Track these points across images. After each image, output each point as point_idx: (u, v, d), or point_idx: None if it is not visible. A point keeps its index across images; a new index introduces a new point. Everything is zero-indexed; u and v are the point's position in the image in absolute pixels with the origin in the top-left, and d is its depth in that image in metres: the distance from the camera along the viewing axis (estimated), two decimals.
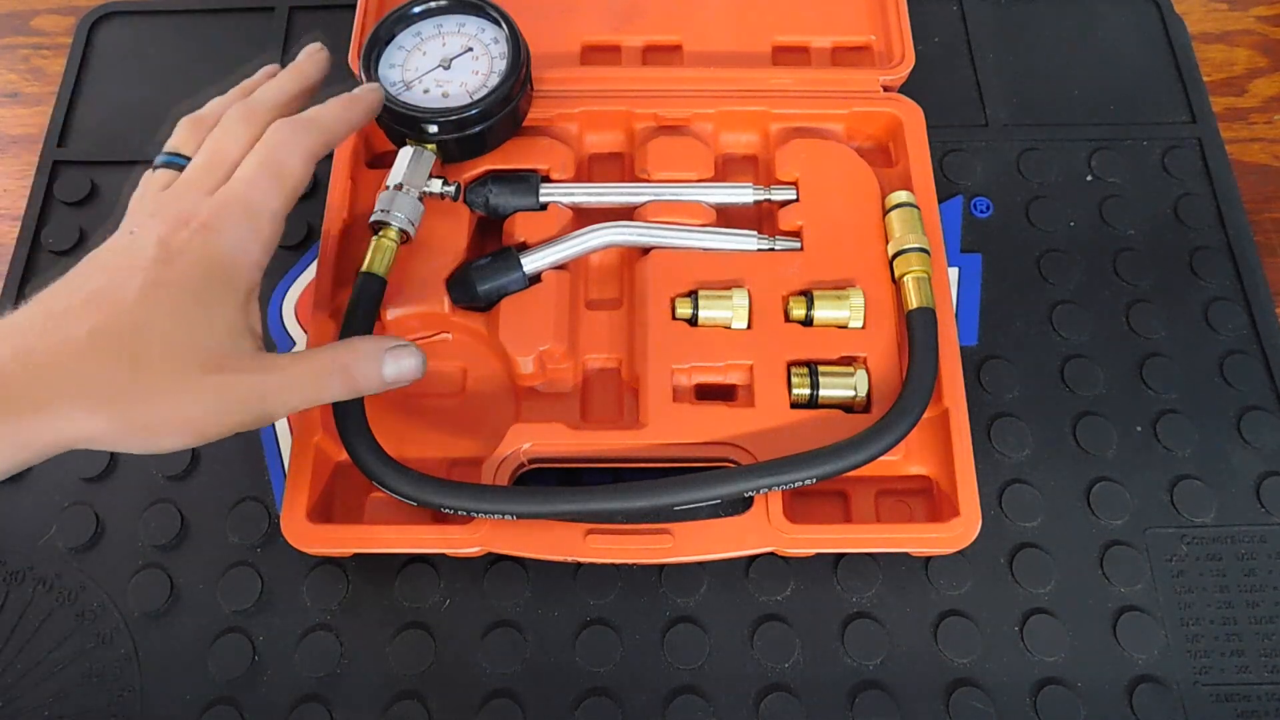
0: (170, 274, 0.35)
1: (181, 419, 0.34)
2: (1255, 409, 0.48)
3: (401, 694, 0.42)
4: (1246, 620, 0.43)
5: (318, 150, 0.40)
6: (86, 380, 0.33)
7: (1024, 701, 0.42)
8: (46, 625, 0.43)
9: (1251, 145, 0.58)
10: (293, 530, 0.42)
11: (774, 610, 0.43)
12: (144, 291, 0.34)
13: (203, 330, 0.35)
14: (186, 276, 0.35)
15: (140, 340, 0.34)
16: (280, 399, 0.36)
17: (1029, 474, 0.46)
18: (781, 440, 0.43)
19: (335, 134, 0.41)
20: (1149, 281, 0.51)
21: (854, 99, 0.52)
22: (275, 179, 0.38)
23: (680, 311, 0.46)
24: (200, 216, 0.36)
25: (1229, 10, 0.62)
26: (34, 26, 0.62)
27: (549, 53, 0.52)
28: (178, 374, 0.34)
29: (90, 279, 0.35)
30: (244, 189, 0.37)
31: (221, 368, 0.35)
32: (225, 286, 0.36)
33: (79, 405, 0.33)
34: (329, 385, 0.38)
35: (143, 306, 0.34)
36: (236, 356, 0.36)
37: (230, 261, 0.36)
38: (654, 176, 0.50)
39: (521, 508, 0.40)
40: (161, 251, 0.35)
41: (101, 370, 0.33)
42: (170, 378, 0.34)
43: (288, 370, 0.37)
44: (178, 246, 0.36)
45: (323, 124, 0.40)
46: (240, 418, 0.35)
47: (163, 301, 0.35)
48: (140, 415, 0.34)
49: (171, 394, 0.34)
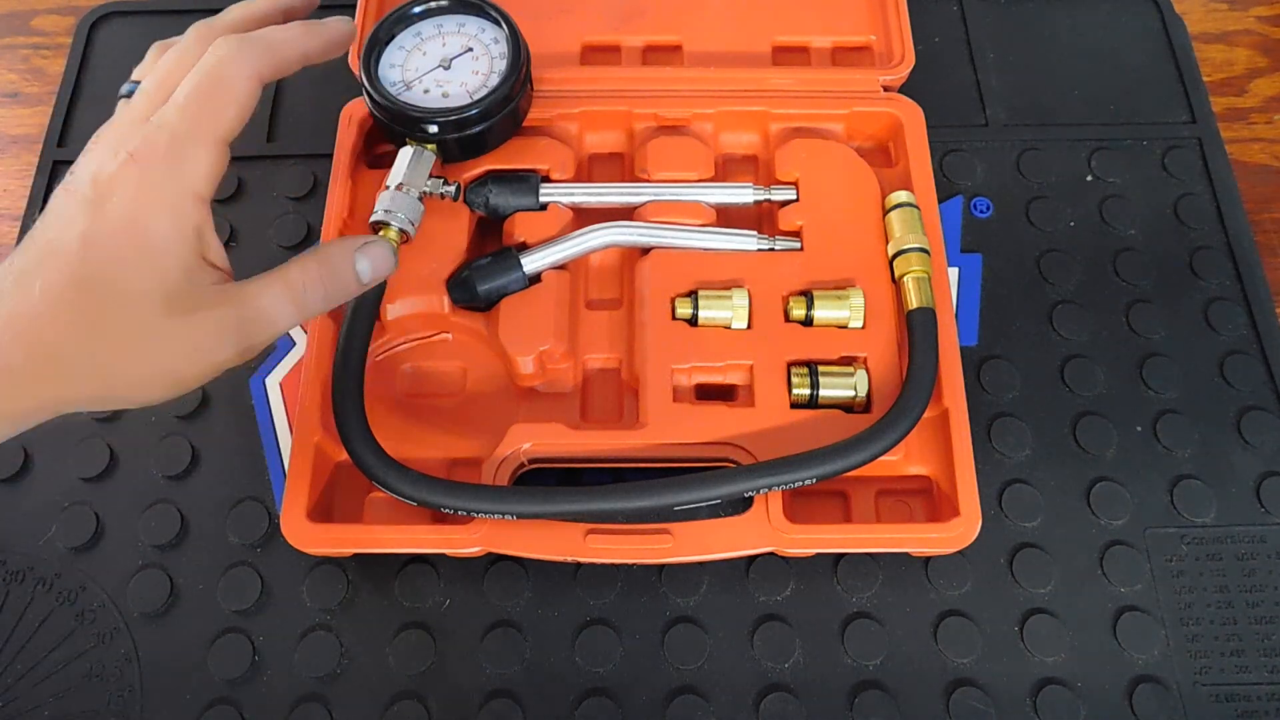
0: (104, 218, 0.33)
1: (158, 370, 0.33)
2: (1255, 409, 0.48)
3: (401, 694, 0.42)
4: (1246, 620, 0.43)
5: (264, 72, 0.36)
6: (50, 344, 0.32)
7: (1024, 701, 0.42)
8: (46, 625, 0.43)
9: (1251, 145, 0.58)
10: (293, 530, 0.42)
11: (774, 610, 0.43)
12: (82, 242, 0.32)
13: (152, 274, 0.33)
14: (122, 219, 0.33)
15: (89, 296, 0.32)
16: (261, 327, 0.35)
17: (1029, 474, 0.46)
18: (781, 440, 0.43)
19: (286, 59, 0.37)
20: (1149, 281, 0.51)
21: (854, 99, 0.52)
22: (209, 100, 0.35)
23: (680, 311, 0.46)
24: (129, 147, 0.34)
25: (1229, 10, 0.62)
26: (34, 26, 0.62)
27: (549, 53, 0.52)
28: (138, 324, 0.32)
29: (45, 228, 0.33)
30: (174, 115, 0.34)
31: (184, 309, 0.33)
32: (166, 224, 0.33)
33: (50, 370, 0.32)
34: (309, 299, 0.36)
35: (83, 260, 0.32)
36: (198, 295, 0.33)
37: (163, 197, 0.34)
38: (654, 176, 0.50)
39: (521, 508, 0.40)
40: (94, 191, 0.33)
41: (60, 332, 0.32)
42: (130, 330, 0.32)
43: (261, 296, 0.35)
44: (107, 184, 0.33)
45: (272, 43, 0.36)
46: (223, 355, 0.34)
47: (103, 250, 0.32)
48: (113, 373, 0.32)
49: (138, 346, 0.33)
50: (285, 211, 0.53)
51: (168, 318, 0.33)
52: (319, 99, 0.55)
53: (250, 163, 0.54)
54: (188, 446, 0.47)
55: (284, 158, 0.54)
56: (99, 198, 0.33)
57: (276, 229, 0.52)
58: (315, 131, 0.54)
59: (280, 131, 0.55)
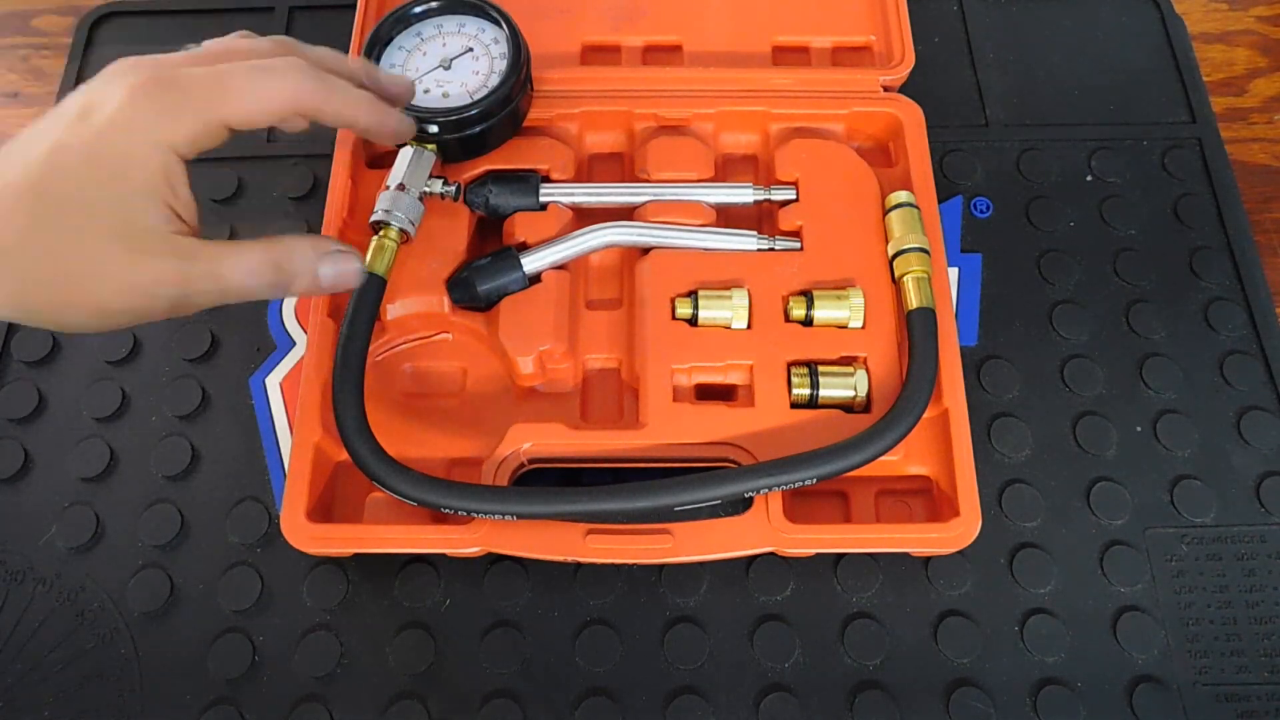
0: (79, 133, 0.32)
1: (88, 297, 0.33)
2: (1255, 409, 0.48)
3: (401, 694, 0.42)
4: (1246, 620, 0.43)
5: (309, 106, 0.36)
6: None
7: (1024, 701, 0.42)
8: (46, 625, 0.43)
9: (1251, 145, 0.58)
10: (293, 530, 0.42)
11: (774, 610, 0.43)
12: (51, 154, 0.32)
13: (109, 201, 0.32)
14: (95, 137, 0.32)
15: (44, 203, 0.32)
16: (202, 288, 0.34)
17: (1029, 474, 0.46)
18: (781, 440, 0.43)
19: (336, 112, 0.38)
20: (1149, 281, 0.51)
21: (854, 99, 0.52)
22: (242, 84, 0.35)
23: (680, 311, 0.46)
24: (132, 79, 0.33)
25: (1229, 10, 0.62)
26: (34, 26, 0.62)
27: (549, 53, 0.52)
28: (81, 245, 0.32)
29: (22, 138, 0.33)
30: (200, 76, 0.34)
31: (131, 245, 0.32)
32: (138, 157, 0.33)
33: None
34: (258, 282, 0.35)
35: (48, 172, 0.32)
36: (154, 237, 0.33)
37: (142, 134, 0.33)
38: (654, 176, 0.50)
39: (521, 508, 0.40)
40: (83, 108, 0.33)
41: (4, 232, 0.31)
42: (73, 248, 0.32)
43: (215, 260, 0.34)
44: (95, 103, 0.33)
45: (334, 92, 0.37)
46: (155, 303, 0.33)
47: (69, 162, 0.32)
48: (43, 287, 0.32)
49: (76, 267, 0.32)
50: (285, 211, 0.53)
51: (111, 246, 0.32)
52: None
53: (250, 163, 0.54)
54: (188, 446, 0.47)
55: (284, 158, 0.54)
56: (82, 113, 0.33)
57: (276, 229, 0.52)
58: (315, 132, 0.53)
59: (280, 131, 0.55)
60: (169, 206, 0.34)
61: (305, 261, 0.37)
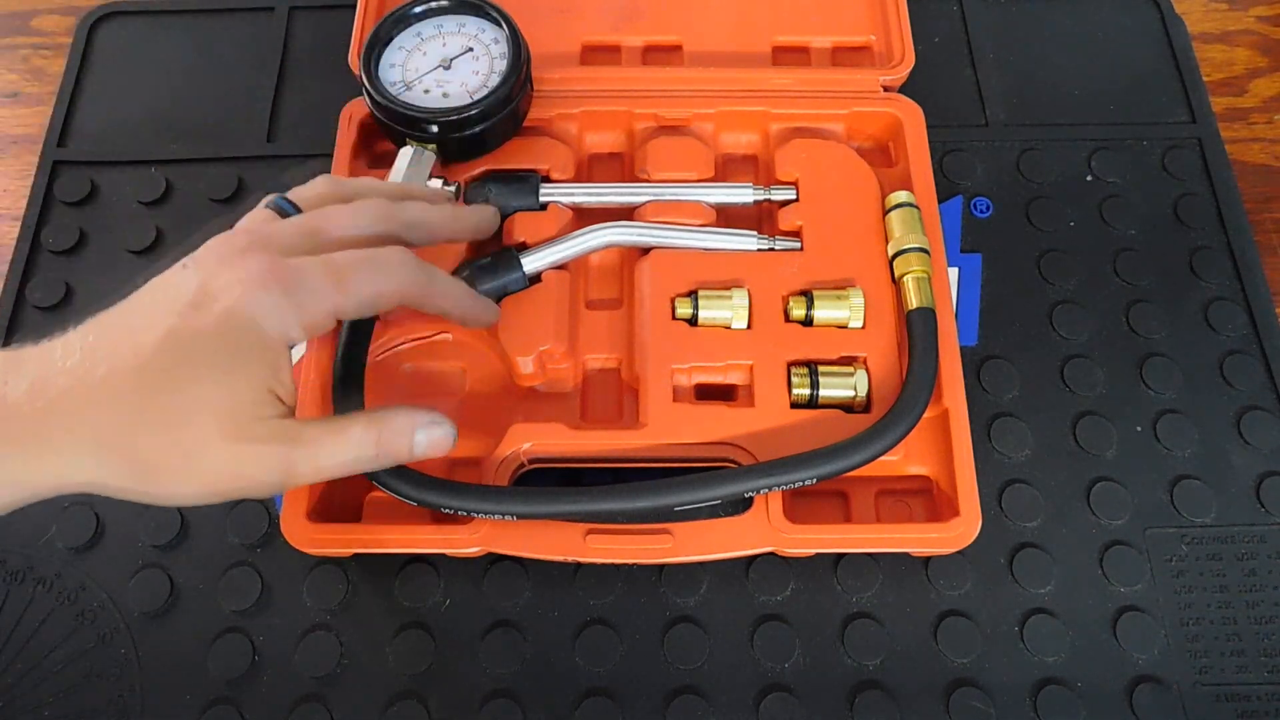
0: (197, 323, 0.33)
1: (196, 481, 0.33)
2: (1255, 409, 0.48)
3: (401, 694, 0.42)
4: (1246, 620, 0.43)
5: (410, 300, 0.38)
6: (96, 429, 0.32)
7: (1024, 701, 0.42)
8: (46, 625, 0.43)
9: (1251, 145, 0.58)
10: (293, 530, 0.42)
11: (774, 610, 0.43)
12: (166, 340, 0.33)
13: (221, 392, 0.33)
14: (216, 329, 0.33)
15: (152, 395, 0.32)
16: (307, 469, 0.35)
17: (1029, 474, 0.46)
18: (781, 440, 0.43)
19: (437, 307, 0.40)
20: (1149, 281, 0.51)
21: (854, 99, 0.52)
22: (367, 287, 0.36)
23: (680, 311, 0.46)
24: (257, 271, 0.34)
25: (1229, 10, 0.62)
26: (34, 26, 0.62)
27: (549, 53, 0.52)
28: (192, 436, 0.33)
29: (130, 313, 0.34)
30: (329, 276, 0.35)
31: (240, 434, 0.33)
32: (250, 349, 0.34)
33: (83, 449, 0.32)
34: (359, 459, 0.36)
35: (161, 356, 0.32)
36: (258, 423, 0.34)
37: (258, 328, 0.34)
38: (654, 176, 0.50)
39: (521, 508, 0.40)
40: (199, 295, 0.34)
41: (111, 423, 0.32)
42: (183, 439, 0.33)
43: (317, 443, 0.35)
44: (216, 292, 0.34)
45: (436, 285, 0.39)
46: (264, 484, 0.34)
47: (183, 354, 0.33)
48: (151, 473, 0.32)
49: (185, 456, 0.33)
50: None
51: (222, 437, 0.33)
52: (319, 99, 0.55)
53: (250, 163, 0.54)
54: None
55: (284, 158, 0.54)
56: (197, 301, 0.33)
57: None
58: (315, 131, 0.54)
59: (280, 131, 0.55)
60: (272, 392, 0.35)
61: (403, 437, 0.37)
